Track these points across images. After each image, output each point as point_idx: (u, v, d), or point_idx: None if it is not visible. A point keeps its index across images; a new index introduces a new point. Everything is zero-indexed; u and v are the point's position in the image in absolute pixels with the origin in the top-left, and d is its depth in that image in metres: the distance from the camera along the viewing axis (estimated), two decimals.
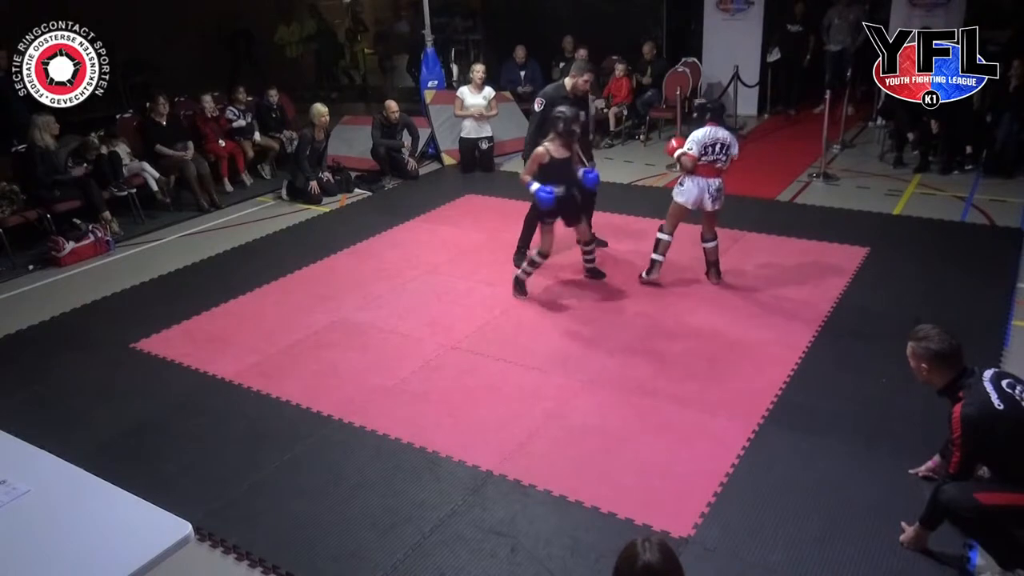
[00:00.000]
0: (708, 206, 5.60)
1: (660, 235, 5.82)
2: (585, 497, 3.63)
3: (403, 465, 3.99)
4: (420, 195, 8.53)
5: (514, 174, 9.21)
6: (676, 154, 5.57)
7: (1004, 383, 2.96)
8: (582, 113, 5.63)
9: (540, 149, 5.30)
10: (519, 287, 5.80)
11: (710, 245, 5.80)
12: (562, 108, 5.37)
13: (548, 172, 5.34)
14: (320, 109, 8.45)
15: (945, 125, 8.17)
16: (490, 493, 3.73)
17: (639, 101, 10.46)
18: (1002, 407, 2.88)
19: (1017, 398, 2.92)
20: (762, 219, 7.16)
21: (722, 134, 5.47)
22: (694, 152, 5.47)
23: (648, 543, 1.98)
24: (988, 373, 3.02)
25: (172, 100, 9.04)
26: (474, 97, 9.21)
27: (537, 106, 6.11)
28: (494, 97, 9.27)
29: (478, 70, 9.30)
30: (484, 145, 9.31)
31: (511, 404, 4.47)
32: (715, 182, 5.56)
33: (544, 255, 5.66)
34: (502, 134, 9.68)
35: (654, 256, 5.86)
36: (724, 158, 5.51)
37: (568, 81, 6.08)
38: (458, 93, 9.38)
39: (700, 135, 5.48)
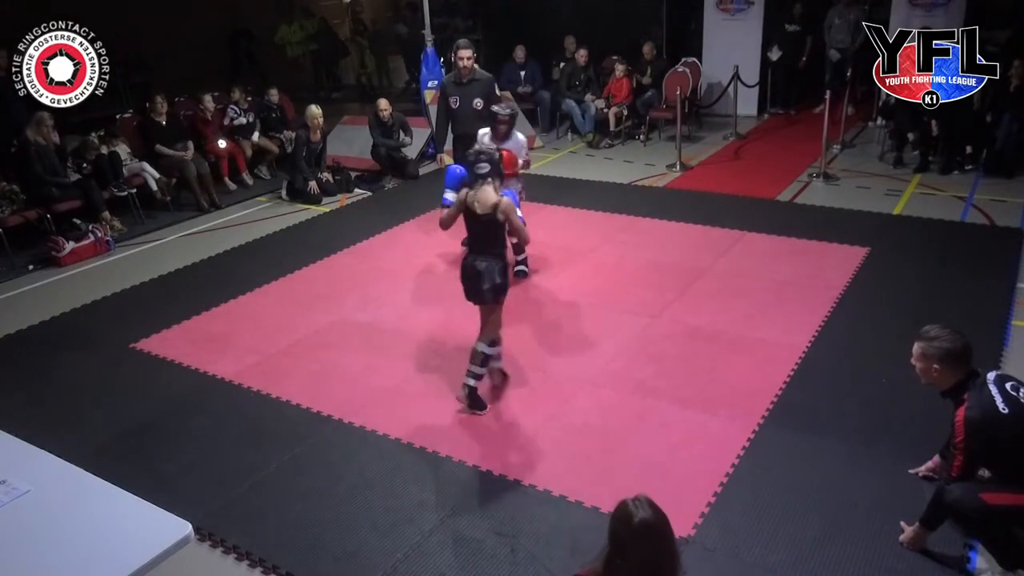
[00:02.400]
0: None
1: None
2: (585, 497, 3.63)
3: (403, 465, 3.99)
4: (420, 195, 8.51)
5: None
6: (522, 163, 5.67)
7: (1008, 386, 2.96)
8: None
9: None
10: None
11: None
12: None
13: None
14: (314, 111, 8.45)
15: (945, 125, 8.17)
16: (490, 493, 3.73)
17: (639, 101, 10.46)
18: (1007, 411, 2.88)
19: (1022, 401, 2.91)
20: (762, 219, 7.15)
21: None
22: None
23: (638, 502, 2.11)
24: (992, 376, 3.01)
25: (172, 100, 9.05)
26: None
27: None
28: None
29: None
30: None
31: (511, 404, 4.46)
32: None
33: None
34: None
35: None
36: None
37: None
38: None
39: (524, 139, 5.77)
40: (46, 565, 2.45)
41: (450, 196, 4.47)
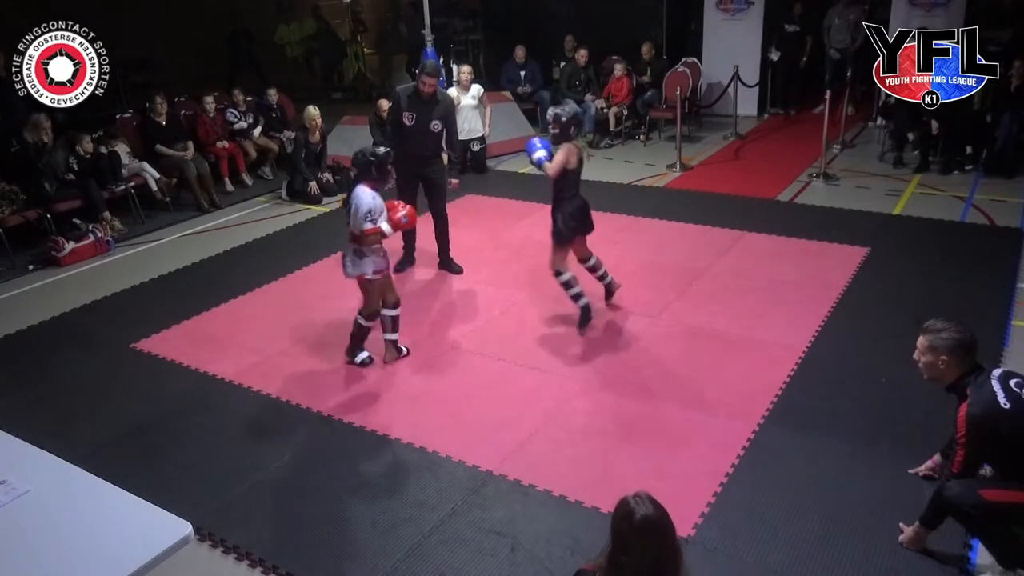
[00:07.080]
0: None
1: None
2: (585, 497, 3.63)
3: (403, 465, 3.99)
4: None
5: (511, 174, 9.23)
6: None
7: (1012, 382, 2.96)
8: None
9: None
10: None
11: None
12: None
13: None
14: (312, 112, 8.45)
15: (945, 125, 8.16)
16: (490, 493, 3.73)
17: (639, 101, 10.46)
18: (1008, 406, 2.88)
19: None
20: (762, 219, 7.15)
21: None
22: None
23: (638, 498, 2.12)
24: (997, 372, 3.01)
25: (172, 100, 9.04)
26: (464, 98, 9.20)
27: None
28: (483, 94, 9.24)
29: (465, 71, 9.27)
30: (476, 147, 9.21)
31: (511, 404, 4.46)
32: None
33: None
34: (501, 134, 9.69)
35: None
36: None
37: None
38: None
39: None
40: (46, 565, 2.45)
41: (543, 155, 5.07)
